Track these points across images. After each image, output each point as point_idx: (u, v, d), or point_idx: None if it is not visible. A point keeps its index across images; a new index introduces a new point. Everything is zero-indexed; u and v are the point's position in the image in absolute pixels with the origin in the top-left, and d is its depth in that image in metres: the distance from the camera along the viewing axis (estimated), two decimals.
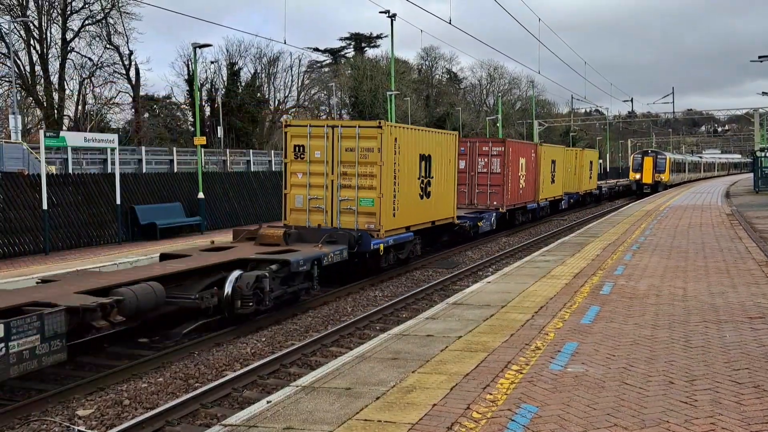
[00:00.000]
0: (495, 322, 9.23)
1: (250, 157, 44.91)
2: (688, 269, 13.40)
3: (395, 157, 17.13)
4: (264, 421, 5.83)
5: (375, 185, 16.57)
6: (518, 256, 21.04)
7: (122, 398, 8.86)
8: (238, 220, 27.15)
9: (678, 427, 5.50)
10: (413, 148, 18.34)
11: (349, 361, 7.57)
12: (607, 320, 9.15)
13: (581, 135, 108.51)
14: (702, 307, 9.87)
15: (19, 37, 49.84)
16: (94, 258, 17.25)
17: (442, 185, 20.28)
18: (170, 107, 67.60)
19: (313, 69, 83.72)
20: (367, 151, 16.59)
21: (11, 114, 35.62)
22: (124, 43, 56.48)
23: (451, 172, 21.21)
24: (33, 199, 18.77)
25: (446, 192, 20.78)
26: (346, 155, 16.68)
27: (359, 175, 16.61)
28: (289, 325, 12.77)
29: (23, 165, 26.03)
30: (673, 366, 7.10)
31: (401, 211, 17.69)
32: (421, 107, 79.43)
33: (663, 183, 55.30)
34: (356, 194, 16.65)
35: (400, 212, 17.61)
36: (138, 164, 34.68)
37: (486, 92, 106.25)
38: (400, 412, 5.89)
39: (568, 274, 13.13)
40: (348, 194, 16.70)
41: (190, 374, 9.85)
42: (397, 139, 17.25)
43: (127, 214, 21.95)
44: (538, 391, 6.37)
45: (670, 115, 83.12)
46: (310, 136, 16.98)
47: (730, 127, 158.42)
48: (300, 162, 17.07)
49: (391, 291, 16.19)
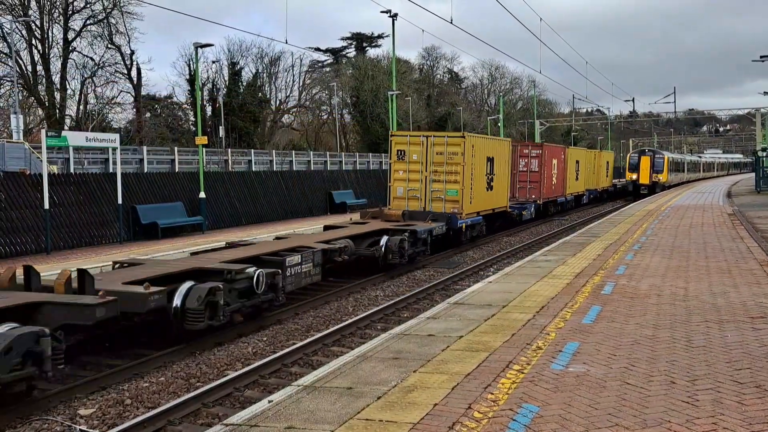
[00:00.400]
0: (496, 321, 9.23)
1: (252, 156, 44.88)
2: (689, 269, 13.39)
3: (472, 159, 22.64)
4: (265, 421, 5.83)
5: (458, 180, 22.15)
6: (519, 255, 21.03)
7: (124, 397, 8.87)
8: (240, 219, 27.17)
9: (679, 427, 5.50)
10: (483, 152, 23.94)
11: (350, 361, 7.57)
12: (609, 320, 9.15)
13: (582, 135, 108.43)
14: (703, 307, 9.87)
15: (21, 36, 49.88)
16: (95, 258, 17.25)
17: (500, 181, 25.98)
18: (172, 107, 67.60)
19: (314, 69, 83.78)
20: (453, 154, 22.15)
21: (13, 114, 35.60)
22: (126, 42, 56.57)
23: (506, 170, 26.90)
24: (35, 199, 18.79)
25: (503, 186, 26.56)
26: (436, 158, 22.27)
27: (446, 172, 22.19)
28: (291, 324, 12.78)
29: (25, 164, 26.04)
30: (674, 366, 7.10)
31: (475, 200, 23.34)
32: (422, 107, 79.42)
33: (661, 183, 53.60)
34: (444, 186, 22.22)
35: (474, 201, 23.25)
36: (139, 164, 34.67)
37: (487, 92, 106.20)
38: (401, 412, 5.90)
39: (570, 273, 13.13)
40: (437, 186, 22.28)
41: (192, 374, 9.86)
42: (473, 146, 22.86)
43: (129, 213, 21.98)
44: (540, 391, 6.37)
45: (671, 115, 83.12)
46: (409, 143, 22.66)
47: (731, 127, 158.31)
48: (401, 162, 22.67)
49: (393, 290, 16.19)
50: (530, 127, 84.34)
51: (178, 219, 23.63)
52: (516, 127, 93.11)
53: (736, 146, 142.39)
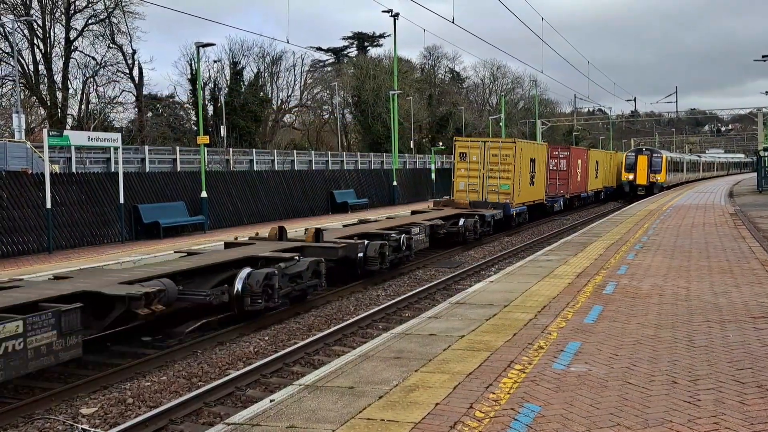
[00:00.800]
0: (498, 321, 9.23)
1: (253, 156, 44.85)
2: (691, 269, 13.38)
3: (519, 160, 28.27)
4: (267, 420, 5.84)
5: (510, 177, 27.76)
6: (521, 255, 21.03)
7: (126, 397, 8.88)
8: (241, 219, 27.17)
9: (681, 426, 5.49)
10: (527, 154, 29.84)
11: (351, 360, 7.58)
12: (610, 320, 9.15)
13: (584, 134, 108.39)
14: (705, 307, 9.86)
15: (23, 36, 49.91)
16: (97, 257, 17.26)
17: (539, 178, 31.88)
18: (173, 106, 67.60)
19: (315, 68, 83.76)
20: (506, 156, 27.88)
21: (15, 113, 35.62)
22: (128, 42, 56.58)
23: (543, 169, 32.70)
24: (36, 198, 18.80)
25: (541, 182, 32.48)
26: (492, 158, 27.96)
27: (500, 171, 27.81)
28: (292, 323, 12.79)
29: (27, 164, 26.02)
30: (676, 366, 7.10)
31: (521, 193, 28.96)
32: (423, 106, 79.38)
33: (659, 184, 51.21)
34: (498, 182, 27.79)
35: (521, 194, 28.90)
36: (141, 163, 34.65)
37: (489, 91, 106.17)
38: (402, 411, 5.90)
39: (571, 273, 13.12)
40: (493, 182, 27.88)
41: (194, 373, 9.87)
42: (521, 149, 28.67)
43: (131, 213, 21.99)
44: (541, 391, 6.37)
45: (673, 114, 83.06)
46: (470, 147, 28.59)
47: (733, 126, 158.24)
48: (463, 162, 28.48)
49: (394, 290, 16.19)
50: (532, 127, 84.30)
51: (179, 218, 23.64)
52: (517, 127, 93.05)
53: (738, 146, 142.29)
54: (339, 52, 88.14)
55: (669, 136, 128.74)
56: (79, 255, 17.94)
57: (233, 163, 42.19)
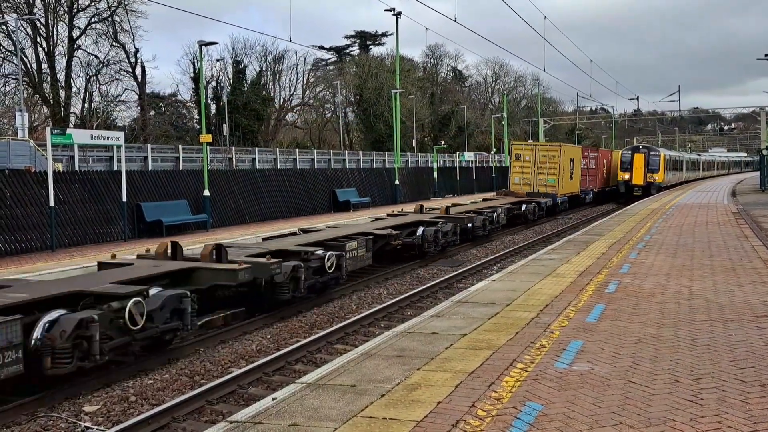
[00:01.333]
0: (500, 320, 9.23)
1: (256, 154, 44.80)
2: (693, 268, 13.37)
3: (562, 160, 36.09)
4: (269, 418, 5.85)
5: (555, 173, 35.78)
6: (523, 254, 21.02)
7: (128, 394, 8.89)
8: (244, 217, 27.20)
9: (683, 425, 5.49)
10: (568, 155, 37.80)
11: (354, 359, 7.58)
12: (613, 318, 9.14)
13: (587, 133, 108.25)
14: (708, 306, 9.85)
15: (26, 34, 49.88)
16: (100, 255, 17.27)
17: (576, 174, 39.52)
18: (176, 105, 67.65)
19: (318, 67, 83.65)
20: (552, 156, 36.15)
21: (18, 111, 35.66)
22: (130, 41, 56.51)
23: (579, 167, 40.12)
24: (40, 196, 18.83)
25: (577, 178, 40.03)
26: (541, 158, 36.01)
27: (548, 168, 35.82)
28: (294, 322, 12.80)
29: (30, 162, 26.05)
30: (678, 364, 7.09)
31: (564, 186, 36.54)
32: (426, 105, 79.35)
33: (656, 184, 47.92)
34: (546, 177, 35.71)
35: (563, 187, 36.49)
36: (144, 162, 34.65)
37: (491, 90, 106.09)
38: (405, 410, 5.90)
39: (573, 272, 13.12)
40: (542, 177, 35.77)
41: (196, 371, 9.88)
42: (564, 151, 36.80)
43: (133, 211, 22.02)
44: (544, 389, 6.37)
45: (676, 113, 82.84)
46: (524, 149, 37.37)
47: (736, 125, 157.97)
48: (518, 161, 36.66)
49: (396, 289, 16.20)
50: (534, 126, 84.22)
51: (182, 217, 23.66)
52: (520, 126, 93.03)
53: (741, 145, 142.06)
54: (341, 50, 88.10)
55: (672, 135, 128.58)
56: (82, 253, 17.96)
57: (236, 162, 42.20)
